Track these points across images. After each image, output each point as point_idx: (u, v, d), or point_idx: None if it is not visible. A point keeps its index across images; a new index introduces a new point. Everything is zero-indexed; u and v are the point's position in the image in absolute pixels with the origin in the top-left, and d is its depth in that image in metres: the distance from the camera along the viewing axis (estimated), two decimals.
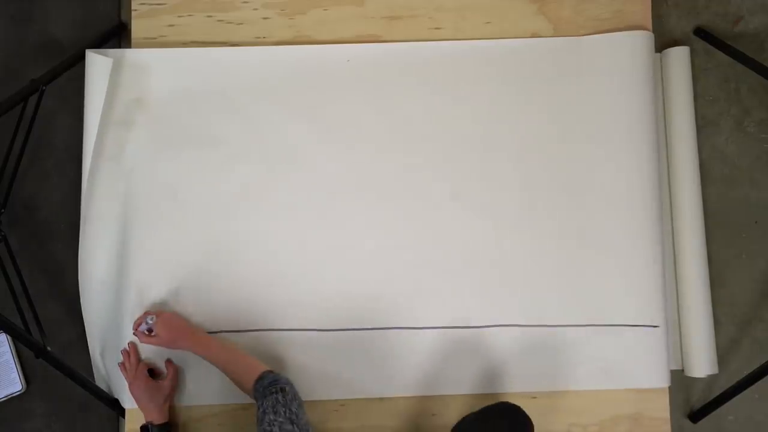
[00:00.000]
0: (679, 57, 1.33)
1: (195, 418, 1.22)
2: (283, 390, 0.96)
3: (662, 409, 1.25)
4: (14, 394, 1.26)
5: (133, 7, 1.30)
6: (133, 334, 1.17)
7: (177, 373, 1.20)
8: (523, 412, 1.02)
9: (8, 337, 1.25)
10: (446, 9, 1.32)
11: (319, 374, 1.22)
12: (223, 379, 1.21)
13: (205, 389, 1.22)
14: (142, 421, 1.15)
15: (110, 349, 1.24)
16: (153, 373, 1.19)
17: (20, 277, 1.14)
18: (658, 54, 1.36)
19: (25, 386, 1.26)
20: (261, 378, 1.01)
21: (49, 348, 1.09)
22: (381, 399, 1.24)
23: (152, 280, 1.22)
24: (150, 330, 1.15)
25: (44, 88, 1.13)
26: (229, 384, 1.20)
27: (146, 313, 1.17)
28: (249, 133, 1.27)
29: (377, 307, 1.23)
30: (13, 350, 1.26)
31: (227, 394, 1.21)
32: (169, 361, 1.20)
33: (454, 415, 1.21)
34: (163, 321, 1.14)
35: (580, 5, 1.32)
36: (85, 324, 1.24)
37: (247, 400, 1.21)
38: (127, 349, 1.20)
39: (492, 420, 1.03)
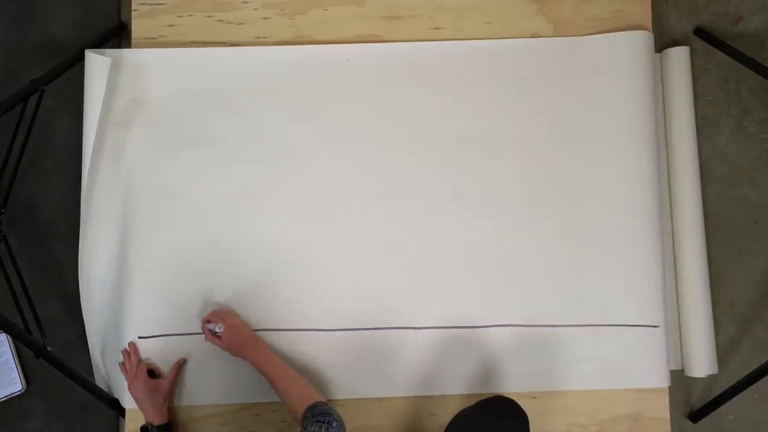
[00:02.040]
0: (679, 57, 1.33)
1: (197, 418, 1.22)
2: (330, 423, 0.96)
3: (662, 409, 1.25)
4: (14, 394, 1.26)
5: (133, 7, 1.30)
6: (201, 328, 1.18)
7: (177, 375, 1.20)
8: (518, 406, 1.03)
9: (8, 337, 1.25)
10: (446, 9, 1.32)
11: (319, 374, 1.22)
12: (225, 378, 1.21)
13: (207, 389, 1.22)
14: (142, 421, 1.15)
15: (110, 349, 1.24)
16: (153, 374, 1.19)
17: (20, 277, 1.14)
18: (658, 54, 1.36)
19: (25, 386, 1.26)
20: (314, 405, 1.01)
21: (49, 348, 1.09)
22: (381, 399, 1.24)
23: (152, 280, 1.22)
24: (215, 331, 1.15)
25: (44, 88, 1.13)
26: (232, 384, 1.21)
27: (215, 314, 1.16)
28: (249, 133, 1.27)
29: (377, 307, 1.23)
30: (13, 350, 1.26)
31: (229, 394, 1.22)
32: (175, 363, 1.20)
33: (453, 415, 1.21)
34: (229, 328, 1.14)
35: (580, 5, 1.32)
36: (85, 324, 1.24)
37: (249, 399, 1.22)
38: (128, 349, 1.20)
39: (488, 414, 1.02)
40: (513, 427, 1.01)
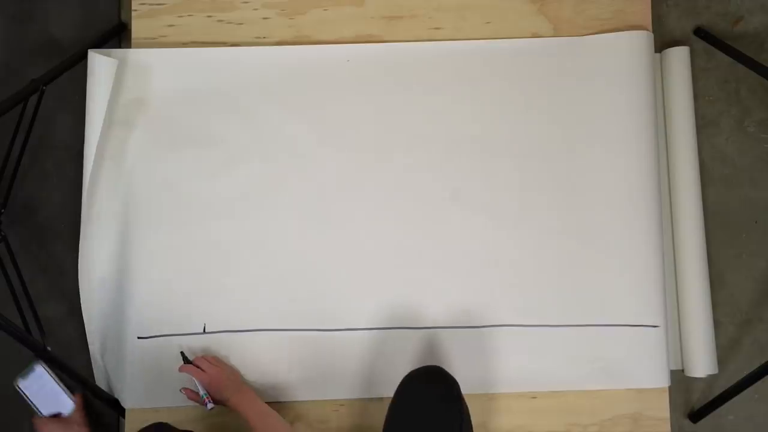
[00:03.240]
0: (679, 57, 1.33)
1: (196, 419, 1.22)
2: None
3: (662, 409, 1.25)
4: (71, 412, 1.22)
5: (133, 7, 1.30)
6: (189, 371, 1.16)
7: (83, 404, 1.20)
8: (444, 370, 1.04)
9: (43, 365, 1.23)
10: (446, 9, 1.32)
11: (319, 374, 1.22)
12: None
13: None
14: (143, 422, 1.15)
15: (110, 349, 1.24)
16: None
17: (20, 277, 1.13)
18: (658, 54, 1.36)
19: (74, 402, 1.21)
20: None
21: (49, 348, 1.09)
22: (381, 399, 1.24)
23: (152, 279, 1.22)
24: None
25: (44, 88, 1.13)
26: None
27: (192, 369, 1.14)
28: (249, 133, 1.27)
29: (377, 306, 1.23)
30: (51, 375, 1.23)
31: None
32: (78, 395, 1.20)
33: None
34: (209, 383, 1.13)
35: (580, 5, 1.32)
36: (85, 324, 1.24)
37: None
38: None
39: (417, 382, 1.04)
40: (441, 389, 1.02)
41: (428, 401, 1.01)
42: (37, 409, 1.19)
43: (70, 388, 1.23)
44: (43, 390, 1.21)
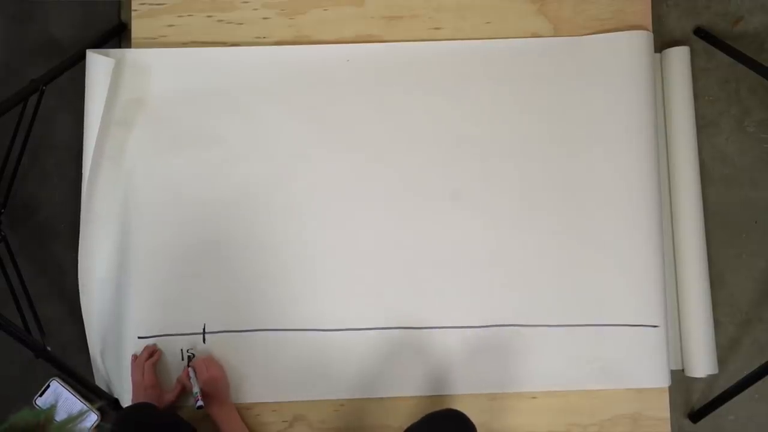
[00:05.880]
0: (679, 57, 1.33)
1: (196, 418, 1.22)
2: None
3: (662, 409, 1.25)
4: (95, 424, 1.23)
5: (133, 7, 1.30)
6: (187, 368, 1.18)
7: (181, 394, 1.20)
8: (468, 418, 1.03)
9: (58, 381, 1.23)
10: (446, 9, 1.32)
11: (319, 374, 1.22)
12: None
13: None
14: None
15: (110, 349, 1.24)
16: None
17: (20, 277, 1.14)
18: (658, 54, 1.36)
19: (99, 414, 1.23)
20: None
21: (49, 348, 1.09)
22: (381, 399, 1.24)
23: (152, 279, 1.22)
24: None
25: (44, 88, 1.13)
26: (232, 384, 1.21)
27: (201, 370, 1.16)
28: (249, 133, 1.27)
29: (377, 307, 1.24)
30: (68, 389, 1.23)
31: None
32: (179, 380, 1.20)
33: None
34: (204, 384, 1.15)
35: (580, 5, 1.32)
36: (85, 324, 1.24)
37: (249, 399, 1.22)
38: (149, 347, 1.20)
39: (438, 424, 1.03)
40: None
41: None
42: None
43: (89, 400, 1.23)
44: (62, 405, 1.22)
